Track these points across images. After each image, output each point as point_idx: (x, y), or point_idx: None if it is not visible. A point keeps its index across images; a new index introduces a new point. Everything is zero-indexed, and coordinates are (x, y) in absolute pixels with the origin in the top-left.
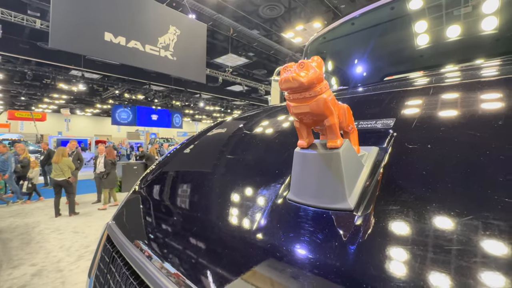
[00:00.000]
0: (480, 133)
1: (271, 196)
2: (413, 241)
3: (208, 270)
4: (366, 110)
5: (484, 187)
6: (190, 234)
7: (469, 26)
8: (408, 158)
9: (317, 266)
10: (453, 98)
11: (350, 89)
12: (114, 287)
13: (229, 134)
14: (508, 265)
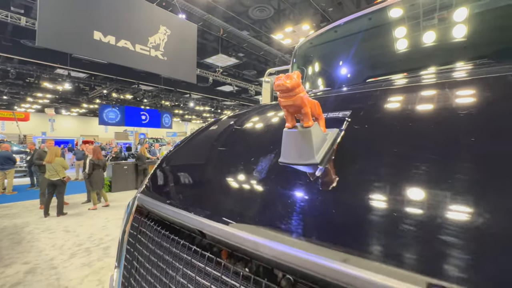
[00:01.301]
0: (411, 121)
1: (270, 160)
2: (352, 179)
3: (223, 211)
4: (335, 105)
5: (395, 151)
6: (210, 189)
7: (438, 35)
8: (354, 135)
9: (298, 192)
10: (400, 97)
11: (330, 89)
12: (146, 243)
13: (236, 123)
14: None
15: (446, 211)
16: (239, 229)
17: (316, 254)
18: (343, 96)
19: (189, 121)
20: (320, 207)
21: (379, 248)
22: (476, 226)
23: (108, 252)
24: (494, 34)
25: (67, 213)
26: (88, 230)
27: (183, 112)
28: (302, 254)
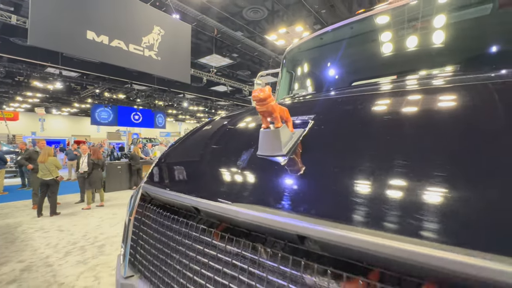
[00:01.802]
0: (359, 120)
1: (250, 153)
2: (308, 165)
3: (213, 192)
4: (306, 108)
5: (342, 144)
6: (202, 176)
7: (410, 44)
8: (315, 134)
9: (269, 176)
10: (355, 102)
11: (309, 93)
12: (149, 223)
13: (224, 123)
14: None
15: (375, 180)
16: (225, 203)
17: (280, 215)
18: (314, 101)
19: (183, 121)
20: (283, 185)
21: (323, 207)
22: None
23: (103, 250)
24: (461, 44)
25: (61, 213)
26: (83, 229)
27: (176, 112)
28: (269, 216)
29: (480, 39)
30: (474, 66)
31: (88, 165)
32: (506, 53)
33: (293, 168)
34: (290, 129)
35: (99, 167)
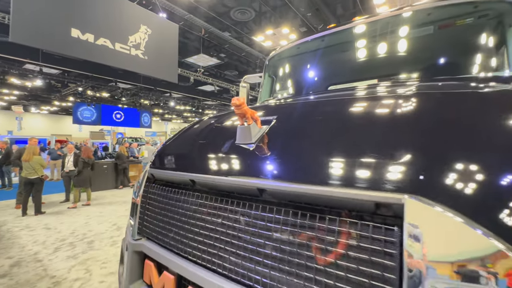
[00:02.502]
0: (310, 118)
1: (231, 142)
2: (269, 148)
3: (204, 168)
4: (272, 111)
5: (293, 135)
6: (195, 159)
7: (373, 55)
8: (276, 128)
9: (242, 155)
10: (313, 105)
11: (282, 97)
12: (154, 197)
13: (213, 121)
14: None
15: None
16: (213, 175)
17: (247, 179)
18: (284, 103)
19: (169, 121)
20: (251, 161)
21: (273, 172)
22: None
23: (92, 246)
24: (410, 55)
25: (46, 212)
26: (70, 226)
27: (163, 111)
28: (241, 180)
29: (425, 51)
30: (418, 72)
31: (78, 164)
32: (444, 61)
33: (258, 151)
34: (259, 126)
35: (89, 166)
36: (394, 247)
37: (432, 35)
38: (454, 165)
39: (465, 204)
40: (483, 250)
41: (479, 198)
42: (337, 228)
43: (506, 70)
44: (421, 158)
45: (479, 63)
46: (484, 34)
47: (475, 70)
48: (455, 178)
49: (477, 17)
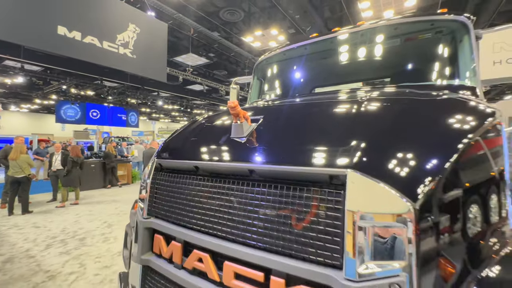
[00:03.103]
0: (292, 116)
1: (227, 136)
2: (256, 141)
3: (206, 156)
4: (260, 111)
5: (277, 129)
6: (197, 150)
7: (351, 62)
8: (263, 125)
9: (236, 144)
10: (297, 106)
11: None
12: (162, 183)
13: (211, 119)
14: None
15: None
16: (213, 161)
17: (239, 163)
18: (271, 105)
19: (156, 120)
20: (242, 151)
21: (258, 158)
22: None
23: (84, 242)
24: (381, 63)
25: (33, 211)
26: (60, 224)
27: (150, 110)
28: (234, 164)
29: (392, 60)
30: (386, 77)
31: (67, 163)
32: (407, 69)
33: (249, 142)
34: (249, 123)
35: (77, 165)
36: (341, 202)
37: (399, 46)
38: (379, 151)
39: (385, 175)
40: (394, 203)
41: (393, 171)
42: (305, 195)
43: (456, 78)
44: (357, 147)
45: (435, 71)
46: (440, 47)
47: (432, 78)
48: (379, 159)
49: (434, 32)
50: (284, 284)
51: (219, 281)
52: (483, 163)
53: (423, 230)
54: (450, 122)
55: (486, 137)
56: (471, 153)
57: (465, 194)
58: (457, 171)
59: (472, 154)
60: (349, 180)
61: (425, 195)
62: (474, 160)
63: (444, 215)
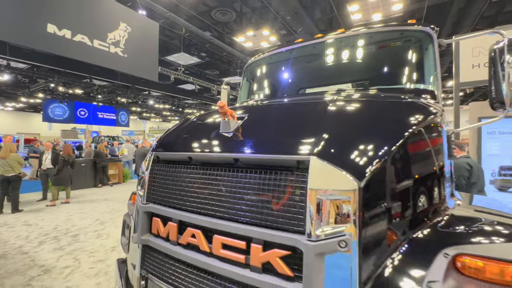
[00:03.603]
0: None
1: (216, 131)
2: (241, 134)
3: (198, 148)
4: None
5: (259, 124)
6: (190, 143)
7: (330, 66)
8: (247, 122)
9: (224, 138)
10: (278, 105)
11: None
12: (159, 173)
13: (203, 116)
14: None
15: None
16: (205, 152)
17: (226, 153)
18: (256, 104)
19: (147, 120)
20: (228, 144)
21: (242, 148)
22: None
23: (77, 239)
24: (358, 68)
25: (23, 210)
26: (52, 222)
27: (141, 109)
28: (222, 154)
29: (367, 65)
30: (361, 80)
31: (58, 162)
32: (380, 73)
33: (234, 136)
34: (235, 120)
35: (68, 164)
36: (305, 182)
37: (374, 53)
38: (335, 142)
39: (338, 160)
40: (344, 182)
41: (345, 158)
42: (278, 177)
43: (420, 82)
44: (319, 139)
45: (403, 75)
46: (407, 54)
47: (400, 81)
48: (335, 148)
49: (404, 41)
50: (261, 249)
51: (209, 252)
52: (418, 155)
53: (364, 202)
54: (394, 120)
55: (422, 135)
56: (407, 146)
57: (399, 176)
58: (394, 159)
59: (407, 146)
60: (312, 165)
61: (368, 176)
62: (409, 152)
63: (381, 191)
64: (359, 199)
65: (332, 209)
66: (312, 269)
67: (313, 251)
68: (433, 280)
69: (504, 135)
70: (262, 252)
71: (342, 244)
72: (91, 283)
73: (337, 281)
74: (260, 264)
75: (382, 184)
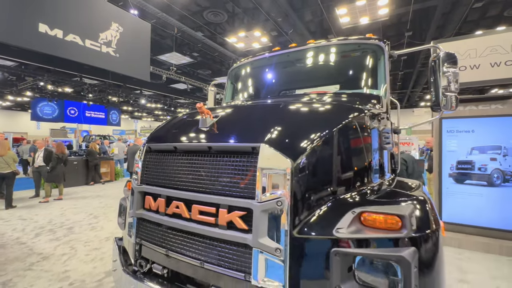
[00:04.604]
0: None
1: (196, 127)
2: (216, 129)
3: (182, 139)
4: (223, 109)
5: (231, 119)
6: (176, 136)
7: (300, 72)
8: (222, 118)
9: (201, 132)
10: (249, 106)
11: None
12: (150, 161)
13: (187, 115)
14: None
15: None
16: (186, 143)
17: (202, 143)
18: (233, 105)
19: (139, 119)
20: (205, 136)
21: (215, 138)
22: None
23: (73, 231)
24: (323, 74)
25: (17, 206)
26: (46, 217)
27: (132, 109)
28: (200, 143)
29: (332, 71)
30: (325, 85)
31: (52, 159)
32: (341, 79)
33: (210, 130)
34: (211, 118)
35: (62, 162)
36: (256, 162)
37: (338, 61)
38: (278, 133)
39: (279, 146)
40: (282, 161)
41: (284, 144)
42: (238, 159)
43: (372, 88)
44: (267, 131)
45: (359, 81)
46: (363, 64)
47: (356, 86)
48: (278, 138)
49: (362, 52)
50: (226, 212)
51: (189, 218)
52: (338, 144)
53: (295, 175)
54: (322, 119)
55: (343, 129)
56: (329, 137)
57: (322, 158)
58: (318, 146)
59: (329, 138)
60: (261, 150)
61: (298, 157)
62: (330, 141)
63: (308, 168)
64: (292, 173)
65: (273, 181)
66: (259, 221)
67: (259, 209)
68: (341, 227)
69: (461, 133)
70: (227, 214)
71: (279, 204)
72: (88, 267)
73: (276, 228)
74: (225, 223)
75: (309, 163)
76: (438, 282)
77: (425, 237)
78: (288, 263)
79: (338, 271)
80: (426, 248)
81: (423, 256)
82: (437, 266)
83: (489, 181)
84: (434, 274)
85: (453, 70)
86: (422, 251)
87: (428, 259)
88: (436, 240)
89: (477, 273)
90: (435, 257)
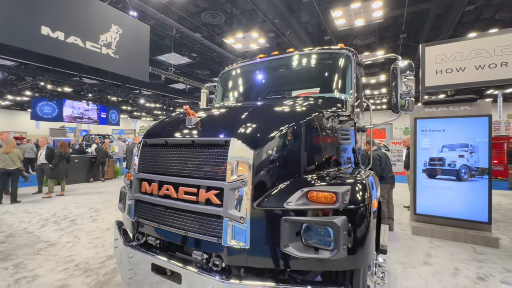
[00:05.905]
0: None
1: (184, 125)
2: (201, 126)
3: (172, 134)
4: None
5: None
6: (168, 132)
7: (281, 77)
8: (206, 117)
9: (188, 129)
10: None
11: (224, 103)
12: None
13: (178, 114)
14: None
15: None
16: (174, 137)
17: (187, 137)
18: (220, 106)
19: (138, 119)
20: (190, 132)
21: (199, 133)
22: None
23: (76, 222)
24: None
25: (21, 201)
26: (50, 210)
27: (131, 108)
28: (186, 137)
29: (307, 77)
30: (300, 89)
31: (55, 157)
32: (315, 84)
33: (195, 127)
34: (196, 118)
35: (64, 160)
36: (227, 152)
37: (312, 68)
38: (246, 129)
39: (245, 140)
40: (246, 152)
41: (249, 138)
42: (214, 150)
43: (341, 92)
44: (237, 127)
45: (328, 85)
46: (333, 70)
47: (326, 90)
48: (245, 133)
49: (333, 60)
50: (205, 192)
51: (176, 197)
52: (293, 138)
53: (256, 162)
54: (282, 118)
55: (298, 128)
56: (286, 133)
57: (279, 149)
58: (275, 140)
59: (286, 133)
60: (231, 143)
61: (259, 148)
62: (286, 136)
63: (267, 156)
64: (253, 160)
65: (240, 166)
66: (228, 197)
67: (228, 187)
68: (290, 201)
69: (433, 132)
70: (205, 193)
71: (243, 183)
72: (91, 252)
73: (240, 201)
74: (204, 200)
75: (267, 153)
76: (364, 244)
77: (355, 210)
78: (250, 228)
79: (286, 234)
80: (355, 217)
81: (352, 223)
82: (364, 231)
83: (458, 176)
84: (361, 237)
85: (409, 77)
86: (351, 219)
87: (356, 226)
88: (364, 212)
89: (440, 257)
90: (362, 225)
